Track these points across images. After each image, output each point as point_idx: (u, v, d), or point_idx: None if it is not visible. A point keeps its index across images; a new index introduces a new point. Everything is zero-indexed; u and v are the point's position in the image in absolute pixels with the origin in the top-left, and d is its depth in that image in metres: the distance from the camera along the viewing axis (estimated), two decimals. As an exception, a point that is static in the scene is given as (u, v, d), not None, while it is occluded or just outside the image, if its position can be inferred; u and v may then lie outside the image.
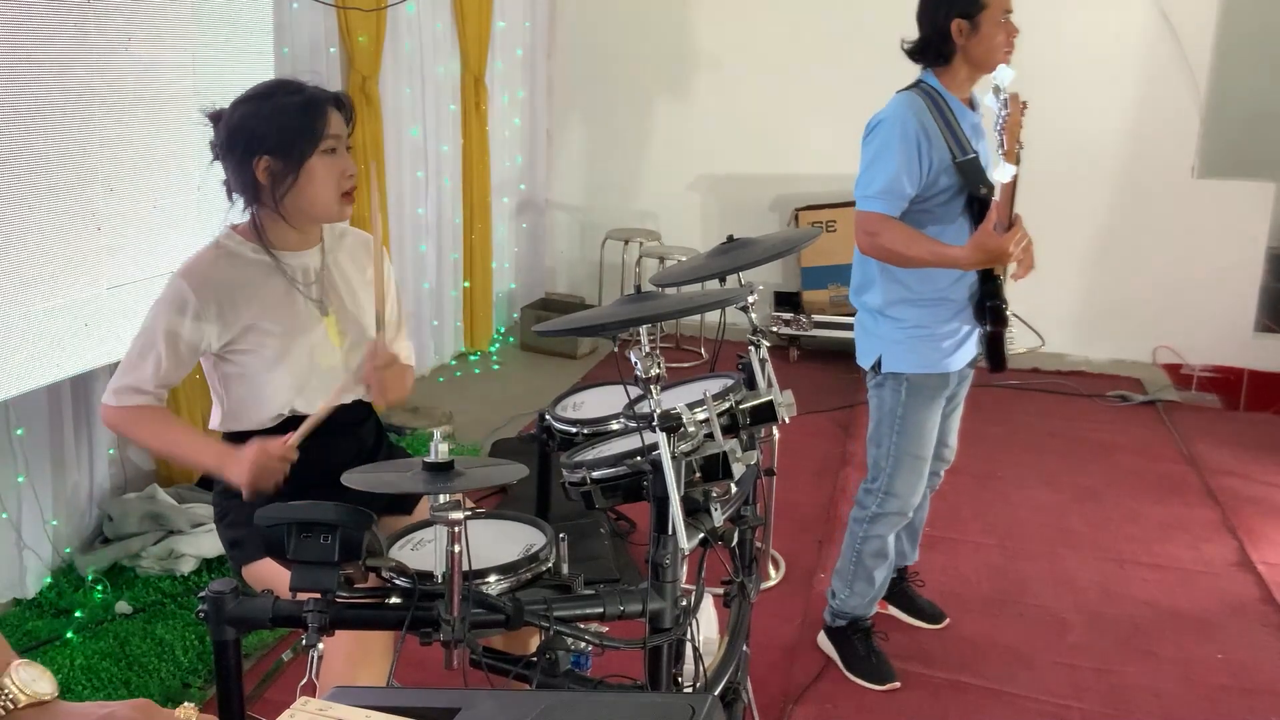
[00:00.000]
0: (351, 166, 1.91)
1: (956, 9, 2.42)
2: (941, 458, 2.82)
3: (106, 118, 2.89)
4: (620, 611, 1.56)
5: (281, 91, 1.89)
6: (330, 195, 1.89)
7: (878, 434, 2.64)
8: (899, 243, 2.39)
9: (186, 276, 1.89)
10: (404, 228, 4.93)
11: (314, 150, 1.85)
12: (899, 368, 2.56)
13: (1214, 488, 4.11)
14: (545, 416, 2.12)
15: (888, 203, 2.41)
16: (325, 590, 1.43)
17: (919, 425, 2.58)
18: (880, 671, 2.74)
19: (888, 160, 2.40)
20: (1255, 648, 2.98)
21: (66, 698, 0.99)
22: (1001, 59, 2.43)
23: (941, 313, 2.53)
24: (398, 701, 1.09)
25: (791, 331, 5.67)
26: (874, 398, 2.65)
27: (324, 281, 2.00)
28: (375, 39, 4.35)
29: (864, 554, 2.70)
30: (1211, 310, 5.55)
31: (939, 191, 2.45)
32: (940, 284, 2.51)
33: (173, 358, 1.89)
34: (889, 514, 2.65)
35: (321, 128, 1.85)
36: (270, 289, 1.94)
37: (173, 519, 3.21)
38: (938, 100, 2.45)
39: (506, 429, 4.57)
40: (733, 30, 5.99)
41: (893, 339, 2.56)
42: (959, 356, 2.59)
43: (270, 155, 1.85)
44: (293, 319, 1.94)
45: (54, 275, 2.79)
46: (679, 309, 1.67)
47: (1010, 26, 2.44)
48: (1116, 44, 5.41)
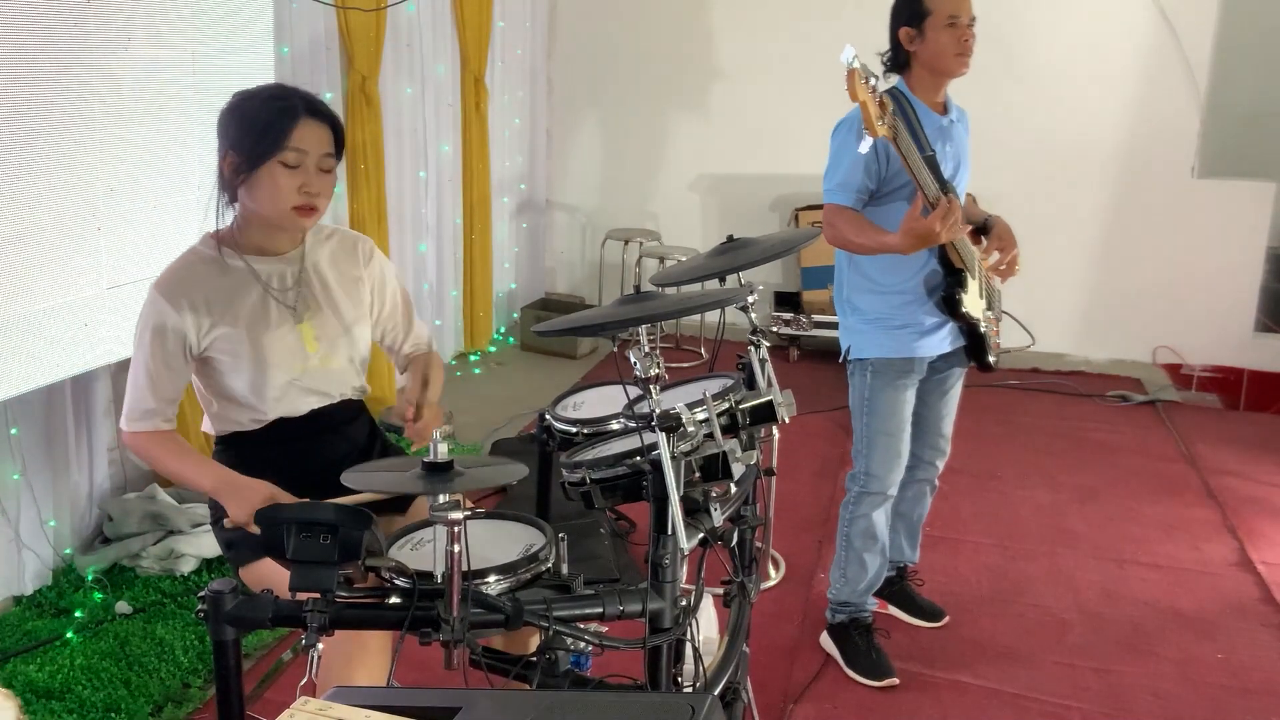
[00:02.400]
0: (315, 185, 1.87)
1: (903, 18, 2.58)
2: (936, 448, 2.88)
3: (106, 118, 2.89)
4: (620, 611, 1.56)
5: (270, 95, 1.90)
6: (280, 206, 1.87)
7: (855, 420, 2.77)
8: (849, 231, 2.53)
9: (159, 285, 1.91)
10: (404, 228, 4.93)
11: (272, 156, 1.84)
12: (863, 354, 2.69)
13: (1214, 488, 4.12)
14: (545, 416, 2.12)
15: (845, 195, 2.54)
16: (324, 590, 1.43)
17: (887, 405, 2.69)
18: (878, 667, 2.77)
19: (846, 156, 2.53)
20: (1255, 648, 2.98)
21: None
22: (953, 62, 2.56)
23: (899, 303, 2.64)
24: (398, 701, 1.09)
25: (791, 331, 5.67)
26: (849, 388, 2.78)
27: (301, 286, 1.99)
28: (375, 39, 4.35)
29: (852, 536, 2.78)
30: (1211, 310, 5.55)
31: (900, 186, 2.55)
32: (901, 275, 2.63)
33: (163, 367, 1.90)
34: (870, 493, 2.74)
35: (283, 138, 1.84)
36: (244, 295, 1.94)
37: (173, 519, 3.21)
38: (903, 103, 2.55)
39: (506, 429, 4.57)
40: (733, 30, 6.00)
41: (857, 329, 2.70)
42: (924, 345, 2.66)
43: (235, 151, 1.87)
44: (266, 325, 1.94)
45: (54, 275, 2.79)
46: (679, 309, 1.67)
47: (961, 30, 2.54)
48: (1116, 44, 5.41)
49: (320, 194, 1.89)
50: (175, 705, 2.57)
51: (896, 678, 2.75)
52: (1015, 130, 5.44)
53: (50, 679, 2.61)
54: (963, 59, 2.55)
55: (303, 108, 1.87)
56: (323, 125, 1.89)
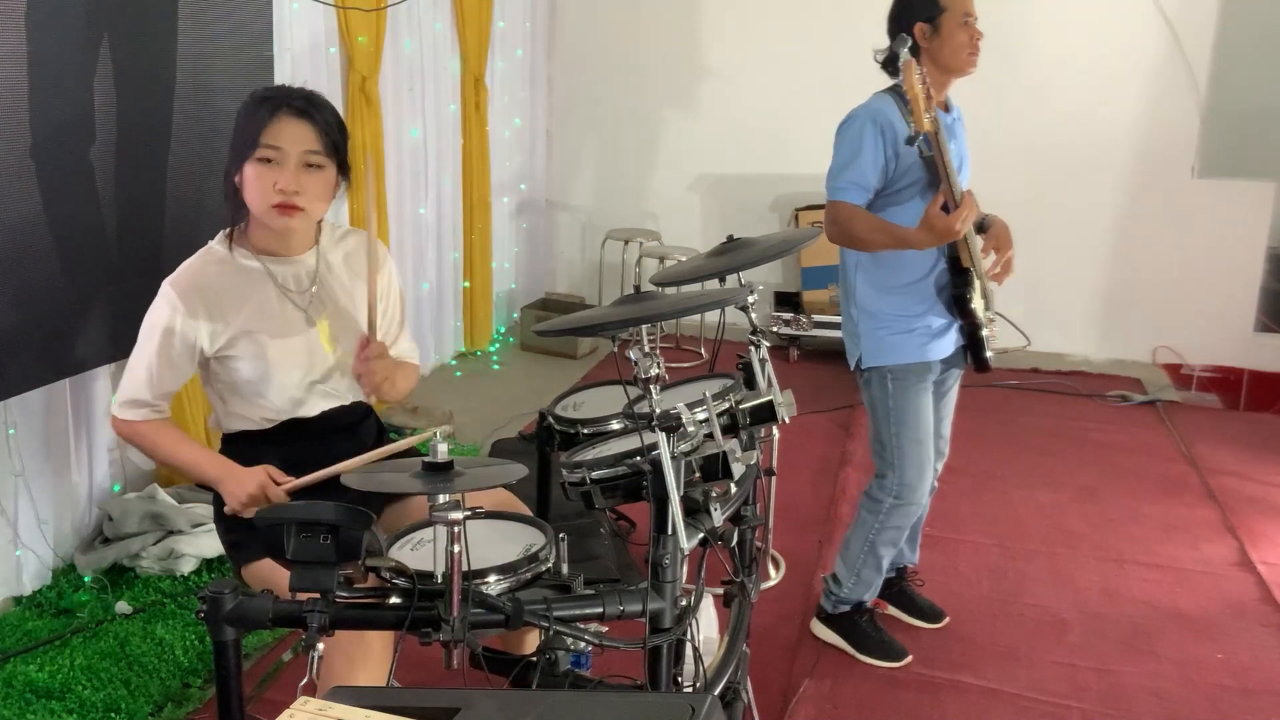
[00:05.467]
0: (287, 182, 1.85)
1: (918, 14, 2.52)
2: (937, 450, 2.86)
3: (106, 118, 2.89)
4: (620, 611, 1.56)
5: (258, 95, 1.90)
6: (260, 203, 1.88)
7: (878, 430, 2.71)
8: (863, 229, 2.49)
9: (174, 283, 1.90)
10: (404, 228, 4.93)
11: (249, 156, 1.85)
12: (880, 360, 2.64)
13: (1214, 488, 4.11)
14: (545, 416, 2.12)
15: (853, 193, 2.50)
16: (325, 590, 1.43)
17: (914, 412, 2.65)
18: (893, 649, 2.81)
19: (854, 153, 2.50)
20: (1255, 648, 2.98)
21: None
22: (966, 60, 2.53)
23: (911, 303, 2.61)
24: (398, 701, 1.09)
25: (791, 331, 5.67)
26: (866, 396, 2.73)
27: (318, 287, 2.00)
28: (375, 39, 4.35)
29: (878, 543, 2.75)
30: (1211, 310, 5.55)
31: (907, 185, 2.53)
32: (912, 275, 2.59)
33: (165, 364, 1.90)
34: (905, 504, 2.70)
35: (257, 135, 1.84)
36: (260, 295, 1.94)
37: (173, 519, 3.21)
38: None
39: (506, 429, 4.57)
40: (733, 30, 5.99)
41: (870, 334, 2.64)
42: (937, 347, 2.64)
43: (229, 151, 1.89)
44: (283, 326, 1.94)
45: (54, 275, 2.79)
46: (679, 309, 1.67)
47: (973, 29, 2.52)
48: (1117, 44, 5.41)
49: (301, 192, 1.87)
50: (175, 705, 2.57)
51: (910, 655, 2.80)
52: (1016, 130, 5.44)
53: (50, 679, 2.61)
54: (974, 57, 2.54)
55: (284, 105, 1.86)
56: (305, 122, 1.87)
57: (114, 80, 2.88)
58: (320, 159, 1.89)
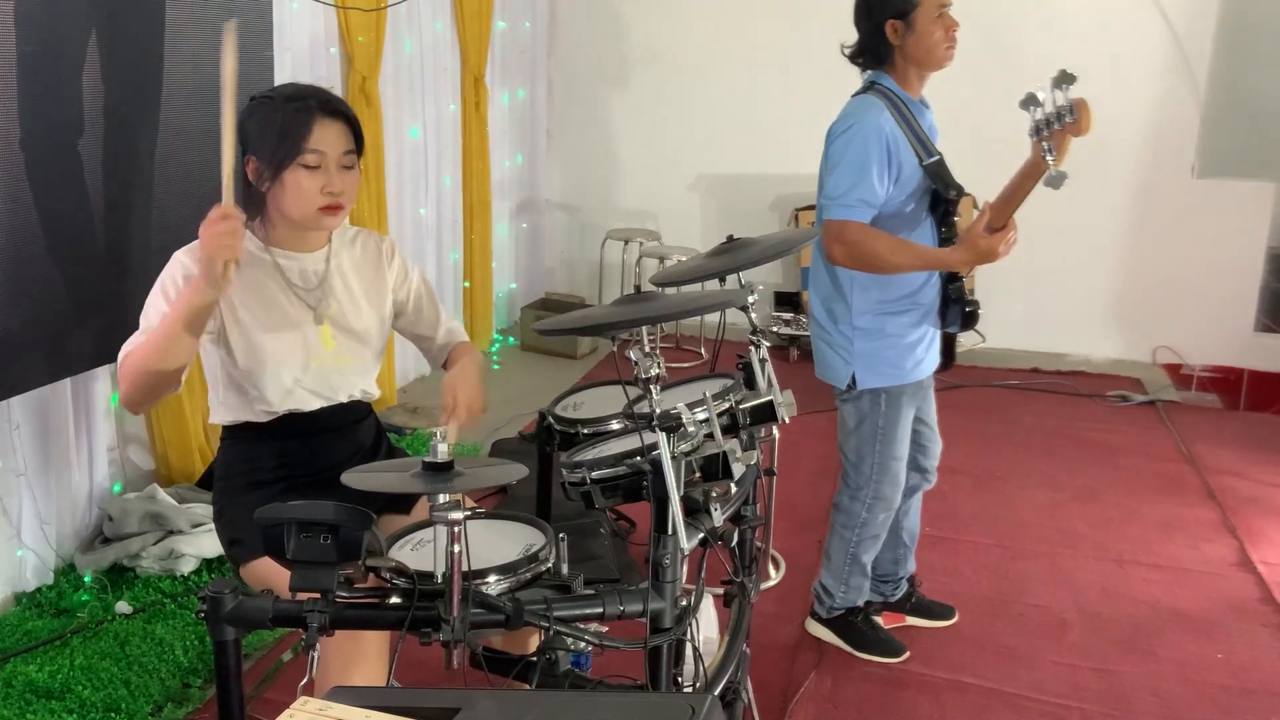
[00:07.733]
0: (337, 184, 1.87)
1: (890, 9, 2.38)
2: (928, 441, 2.81)
3: (106, 118, 2.89)
4: (620, 611, 1.56)
5: (285, 97, 1.89)
6: (305, 208, 1.88)
7: (859, 446, 2.63)
8: (883, 250, 2.35)
9: (189, 251, 1.89)
10: (404, 228, 4.93)
11: (291, 162, 1.84)
12: (878, 383, 2.55)
13: (1214, 488, 4.12)
14: (545, 416, 2.12)
15: (863, 210, 2.37)
16: (325, 590, 1.43)
17: (902, 430, 2.61)
18: (891, 645, 2.82)
19: (862, 169, 2.35)
20: (1255, 648, 2.98)
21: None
22: (942, 55, 2.41)
23: (912, 318, 2.53)
24: (398, 701, 1.09)
25: (791, 331, 5.67)
26: (850, 411, 2.63)
27: (324, 286, 2.00)
28: (375, 39, 4.35)
29: (860, 552, 2.75)
30: (1211, 310, 5.55)
31: (909, 195, 2.43)
32: (911, 287, 2.49)
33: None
34: (878, 515, 2.70)
35: (302, 140, 1.84)
36: (265, 286, 1.94)
37: (173, 519, 3.21)
38: (896, 102, 2.42)
39: (506, 429, 4.57)
40: (733, 30, 5.99)
41: (868, 355, 2.54)
42: (929, 361, 2.62)
43: (256, 157, 1.88)
44: (284, 319, 1.94)
45: (55, 276, 2.79)
46: (679, 309, 1.67)
47: (948, 21, 2.39)
48: (1117, 44, 5.41)
49: (344, 192, 1.90)
50: (175, 705, 2.57)
51: (908, 650, 2.81)
52: (1015, 131, 5.41)
53: (50, 679, 2.61)
54: (951, 50, 2.41)
55: (317, 107, 1.87)
56: (339, 123, 1.89)
57: (114, 80, 2.89)
58: (352, 159, 1.92)
